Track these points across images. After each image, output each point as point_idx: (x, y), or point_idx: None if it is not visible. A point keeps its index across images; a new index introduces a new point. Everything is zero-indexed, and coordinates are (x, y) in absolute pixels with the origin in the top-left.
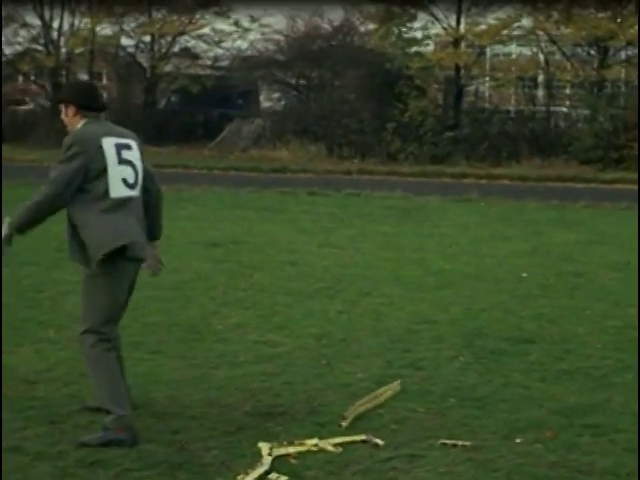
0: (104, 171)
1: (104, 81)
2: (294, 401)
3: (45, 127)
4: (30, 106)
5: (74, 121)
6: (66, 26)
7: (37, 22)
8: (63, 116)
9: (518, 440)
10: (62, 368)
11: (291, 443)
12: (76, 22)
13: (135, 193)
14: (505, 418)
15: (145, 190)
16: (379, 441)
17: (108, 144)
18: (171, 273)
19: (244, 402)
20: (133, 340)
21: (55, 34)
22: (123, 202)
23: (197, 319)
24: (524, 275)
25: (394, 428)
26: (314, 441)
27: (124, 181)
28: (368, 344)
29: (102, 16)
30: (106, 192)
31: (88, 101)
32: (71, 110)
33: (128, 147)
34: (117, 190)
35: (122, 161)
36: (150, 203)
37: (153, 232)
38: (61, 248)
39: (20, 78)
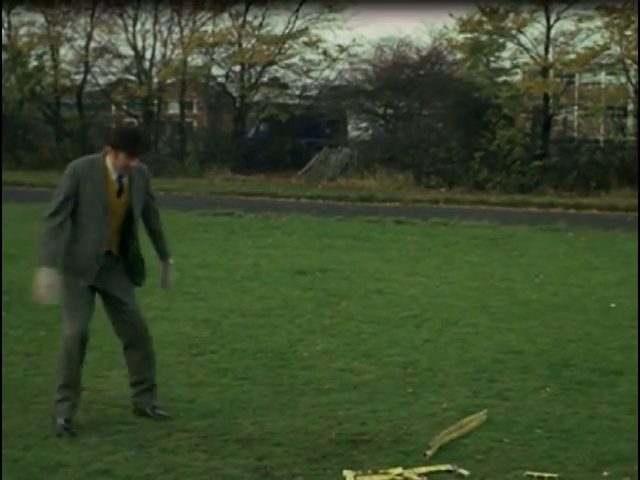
0: None
1: (194, 110)
2: (379, 429)
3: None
4: None
5: None
6: (158, 56)
7: (130, 52)
8: None
9: (605, 473)
10: None
11: (375, 472)
12: (168, 52)
13: None
14: (592, 450)
15: None
16: (464, 471)
17: None
18: (258, 300)
19: (329, 430)
20: (220, 366)
21: (147, 64)
22: None
23: (283, 346)
24: (613, 306)
25: (479, 458)
26: (399, 470)
27: None
28: (454, 373)
29: (193, 47)
30: None
31: None
32: None
33: None
34: None
35: None
36: None
37: None
38: (150, 274)
39: (113, 107)
